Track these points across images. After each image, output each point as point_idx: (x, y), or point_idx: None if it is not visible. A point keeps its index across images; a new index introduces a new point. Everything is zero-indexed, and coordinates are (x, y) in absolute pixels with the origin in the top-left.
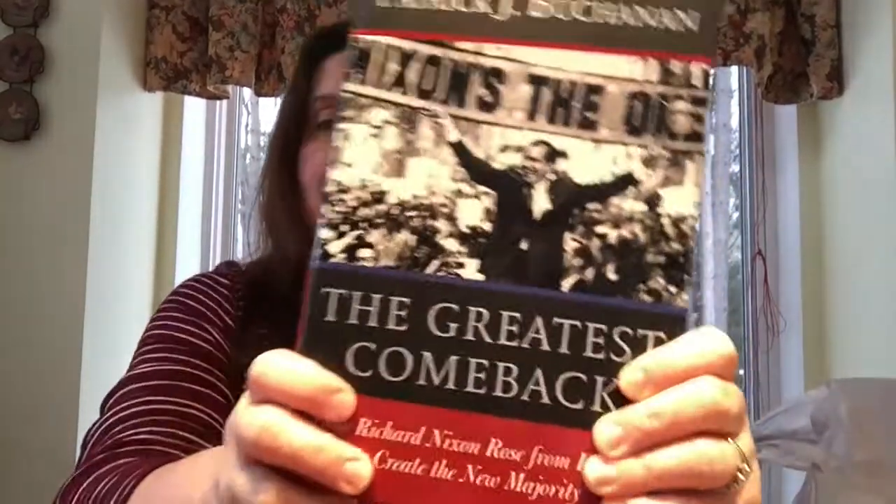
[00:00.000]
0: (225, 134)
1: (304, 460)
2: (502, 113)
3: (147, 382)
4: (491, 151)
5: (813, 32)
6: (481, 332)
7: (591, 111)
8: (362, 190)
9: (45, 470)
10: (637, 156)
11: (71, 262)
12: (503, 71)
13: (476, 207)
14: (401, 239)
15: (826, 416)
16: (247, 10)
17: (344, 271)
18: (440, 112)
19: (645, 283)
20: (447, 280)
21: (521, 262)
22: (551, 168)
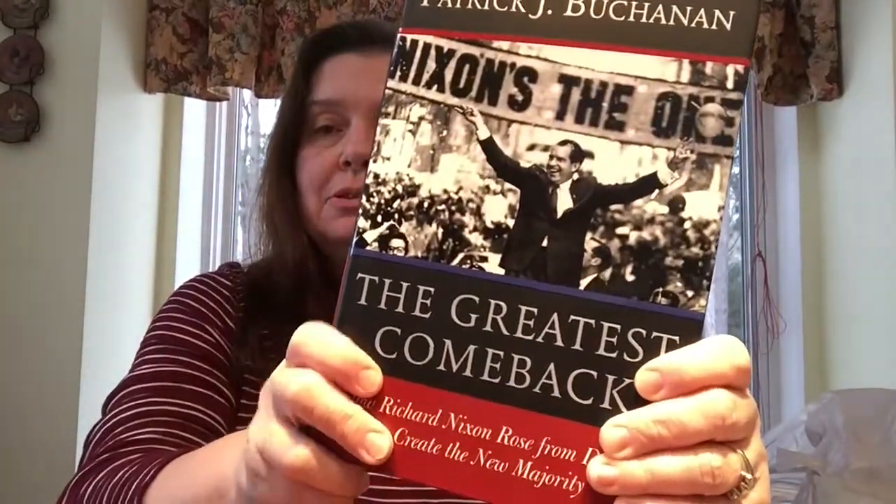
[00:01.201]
0: (225, 135)
1: (334, 424)
2: (532, 112)
3: (149, 383)
4: (519, 150)
5: (812, 34)
6: (499, 325)
7: (620, 112)
8: (398, 183)
9: (45, 470)
10: (663, 158)
11: (71, 262)
12: (535, 70)
13: (501, 204)
14: (430, 231)
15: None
16: (247, 12)
17: (376, 259)
18: (473, 110)
19: (662, 287)
20: (470, 273)
21: (542, 259)
22: (576, 168)
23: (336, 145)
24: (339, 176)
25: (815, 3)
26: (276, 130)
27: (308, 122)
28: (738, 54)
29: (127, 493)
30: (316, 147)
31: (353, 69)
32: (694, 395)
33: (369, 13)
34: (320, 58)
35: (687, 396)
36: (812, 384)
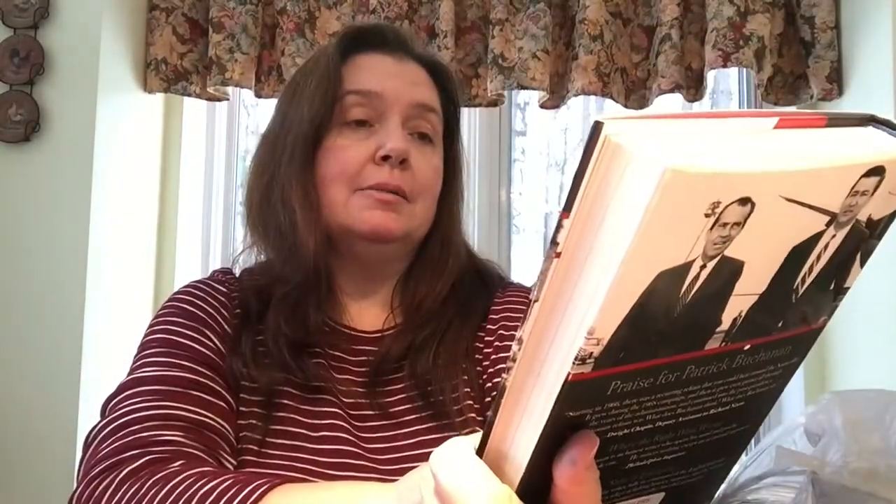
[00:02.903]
0: (225, 135)
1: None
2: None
3: (155, 386)
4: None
5: (812, 34)
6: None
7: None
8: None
9: (45, 470)
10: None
11: (71, 262)
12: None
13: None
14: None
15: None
16: (247, 12)
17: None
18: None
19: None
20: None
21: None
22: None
23: (370, 139)
24: (374, 170)
25: (815, 3)
26: (296, 119)
27: (338, 113)
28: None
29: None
30: (347, 139)
31: (390, 69)
32: None
33: (369, 14)
34: (354, 52)
35: None
36: (812, 387)
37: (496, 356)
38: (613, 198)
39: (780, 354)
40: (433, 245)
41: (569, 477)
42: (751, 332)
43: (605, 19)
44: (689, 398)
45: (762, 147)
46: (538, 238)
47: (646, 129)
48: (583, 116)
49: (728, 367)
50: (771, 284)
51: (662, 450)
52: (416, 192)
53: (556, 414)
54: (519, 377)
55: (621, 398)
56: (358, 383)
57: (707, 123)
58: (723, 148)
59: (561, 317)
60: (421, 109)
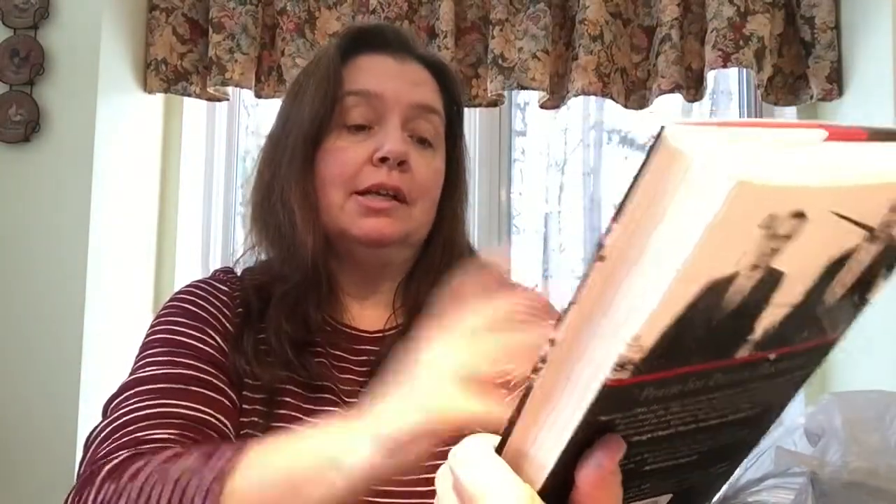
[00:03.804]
0: (225, 136)
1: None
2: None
3: (157, 385)
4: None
5: (812, 34)
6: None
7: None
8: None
9: (45, 470)
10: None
11: (71, 263)
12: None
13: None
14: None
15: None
16: (247, 13)
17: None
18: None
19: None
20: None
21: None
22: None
23: (368, 140)
24: (372, 171)
25: (815, 3)
26: (296, 120)
27: (338, 114)
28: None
29: (200, 478)
30: (346, 140)
31: (391, 70)
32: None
33: (369, 14)
34: (355, 52)
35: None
36: (812, 387)
37: None
38: (671, 206)
39: (799, 364)
40: (435, 247)
41: (593, 480)
42: (778, 342)
43: (605, 19)
44: (712, 404)
45: (815, 160)
46: (538, 238)
47: (706, 136)
48: (583, 116)
49: (751, 376)
50: (804, 296)
51: (678, 454)
52: (415, 195)
53: (588, 417)
54: (549, 379)
55: (650, 403)
56: (359, 383)
57: (762, 133)
58: (780, 160)
59: (599, 321)
60: (421, 111)
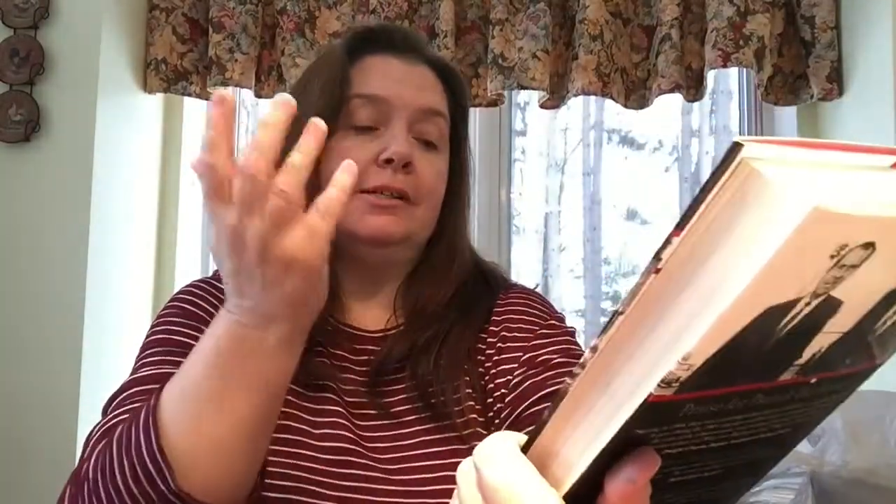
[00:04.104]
0: None
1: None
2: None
3: (151, 385)
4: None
5: (813, 34)
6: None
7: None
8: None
9: (44, 470)
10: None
11: (71, 263)
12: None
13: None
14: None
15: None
16: (247, 12)
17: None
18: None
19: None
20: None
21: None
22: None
23: (374, 142)
24: (377, 172)
25: (815, 3)
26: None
27: (344, 115)
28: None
29: (137, 422)
30: (352, 140)
31: (398, 73)
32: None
33: (369, 13)
34: (362, 53)
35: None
36: None
37: (498, 357)
38: (739, 225)
39: (836, 388)
40: (438, 249)
41: (623, 494)
42: (822, 367)
43: (605, 19)
44: (747, 423)
45: (886, 188)
46: (538, 238)
47: (782, 155)
48: (583, 116)
49: (791, 398)
50: (857, 323)
51: (705, 468)
52: (420, 196)
53: (625, 429)
54: (584, 385)
55: (688, 420)
56: (360, 382)
57: (835, 156)
58: (853, 187)
59: (647, 335)
60: (427, 114)
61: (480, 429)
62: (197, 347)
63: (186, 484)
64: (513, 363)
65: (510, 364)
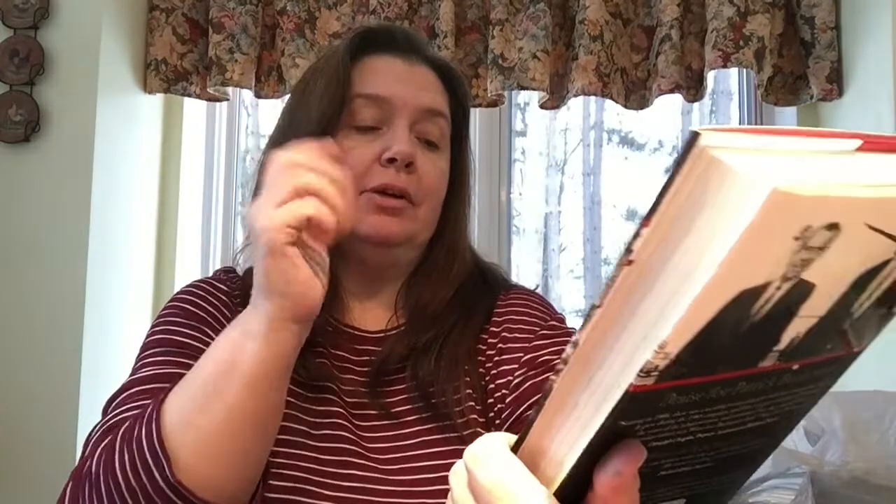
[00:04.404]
0: (225, 136)
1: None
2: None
3: (152, 385)
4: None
5: (813, 34)
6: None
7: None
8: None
9: (45, 470)
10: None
11: (71, 263)
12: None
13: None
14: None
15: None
16: (247, 13)
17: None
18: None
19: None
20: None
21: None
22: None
23: (376, 141)
24: (379, 171)
25: (815, 3)
26: (304, 120)
27: (346, 115)
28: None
29: (142, 417)
30: (354, 140)
31: (400, 73)
32: None
33: (369, 14)
34: (364, 53)
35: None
36: None
37: (499, 358)
38: (704, 212)
39: (821, 374)
40: (439, 249)
41: (612, 486)
42: (802, 353)
43: (605, 19)
44: (732, 412)
45: (850, 171)
46: (538, 238)
47: (742, 143)
48: (583, 116)
49: (774, 385)
50: (832, 308)
51: (695, 460)
52: (421, 196)
53: (609, 422)
54: (568, 381)
55: (672, 410)
56: (360, 383)
57: (796, 142)
58: (815, 170)
59: (624, 326)
60: (429, 114)
61: (481, 429)
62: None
63: (185, 477)
64: (513, 364)
65: (511, 364)
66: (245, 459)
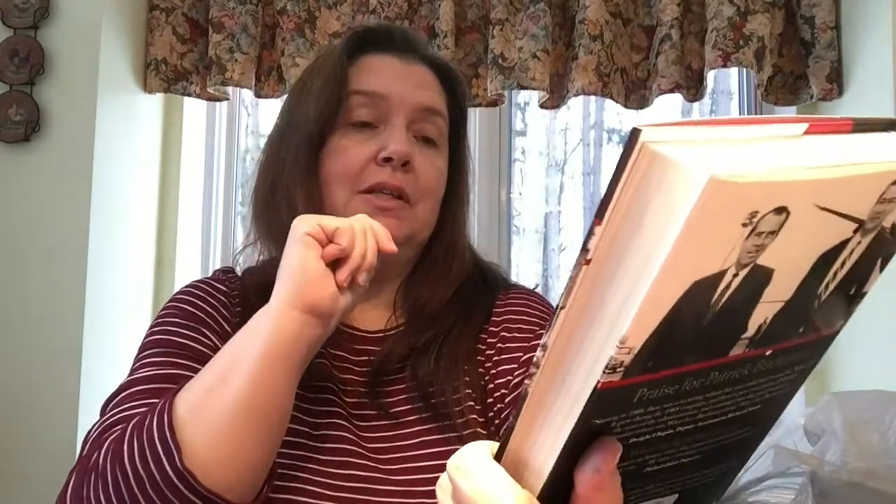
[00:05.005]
0: (225, 135)
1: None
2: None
3: (148, 385)
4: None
5: (813, 34)
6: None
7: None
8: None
9: (45, 470)
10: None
11: (71, 263)
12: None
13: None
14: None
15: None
16: (247, 12)
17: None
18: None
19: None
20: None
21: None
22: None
23: (372, 140)
24: (375, 170)
25: (815, 3)
26: (301, 119)
27: (343, 113)
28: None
29: (154, 409)
30: (351, 139)
31: (397, 71)
32: None
33: (369, 14)
34: (361, 52)
35: None
36: (812, 388)
37: (498, 358)
38: (650, 206)
39: (798, 358)
40: (437, 248)
41: (592, 484)
42: (773, 338)
43: (605, 19)
44: (710, 403)
45: (795, 154)
46: (538, 238)
47: (681, 135)
48: (583, 116)
49: (749, 373)
50: (797, 291)
51: (680, 454)
52: (419, 195)
53: (583, 421)
54: (542, 383)
55: (646, 405)
56: (360, 383)
57: (741, 130)
58: (759, 156)
59: (589, 324)
60: (426, 113)
61: (480, 429)
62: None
63: (193, 465)
64: (513, 363)
65: (510, 364)
66: (251, 454)
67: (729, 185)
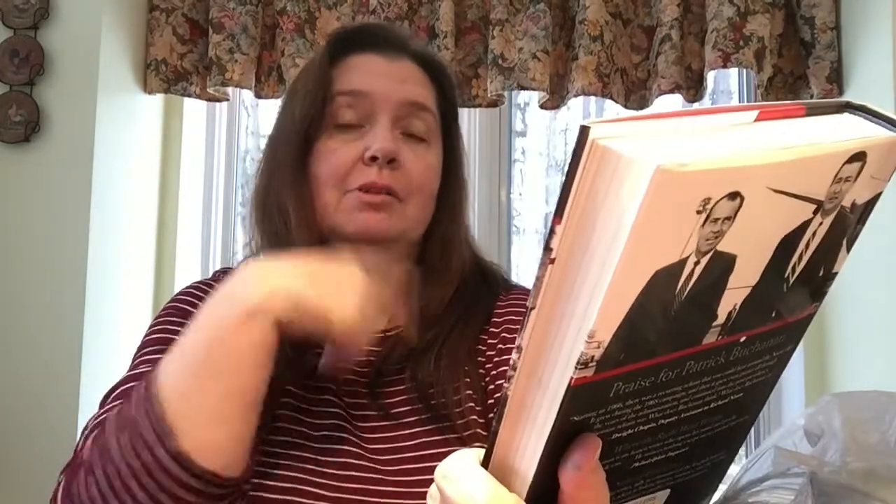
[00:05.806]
0: (225, 136)
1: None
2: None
3: None
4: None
5: (813, 34)
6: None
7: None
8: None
9: (44, 470)
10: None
11: (71, 263)
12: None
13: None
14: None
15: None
16: (247, 13)
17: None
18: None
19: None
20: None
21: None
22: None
23: (358, 140)
24: (362, 170)
25: (815, 3)
26: (289, 123)
27: (328, 115)
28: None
29: (138, 395)
30: (337, 140)
31: (380, 68)
32: None
33: (369, 14)
34: (345, 53)
35: None
36: (812, 388)
37: (499, 359)
38: (604, 201)
39: (775, 343)
40: (433, 246)
41: (575, 482)
42: (746, 324)
43: (605, 20)
44: (690, 394)
45: (746, 141)
46: (538, 238)
47: (631, 130)
48: (583, 117)
49: (726, 361)
50: (763, 276)
51: (666, 447)
52: (409, 192)
53: (561, 419)
54: (521, 385)
55: (624, 399)
56: (360, 383)
57: (690, 121)
58: (708, 144)
59: (559, 322)
60: (412, 108)
61: (480, 430)
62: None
63: (187, 446)
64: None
65: None
66: (240, 433)
67: (676, 175)
